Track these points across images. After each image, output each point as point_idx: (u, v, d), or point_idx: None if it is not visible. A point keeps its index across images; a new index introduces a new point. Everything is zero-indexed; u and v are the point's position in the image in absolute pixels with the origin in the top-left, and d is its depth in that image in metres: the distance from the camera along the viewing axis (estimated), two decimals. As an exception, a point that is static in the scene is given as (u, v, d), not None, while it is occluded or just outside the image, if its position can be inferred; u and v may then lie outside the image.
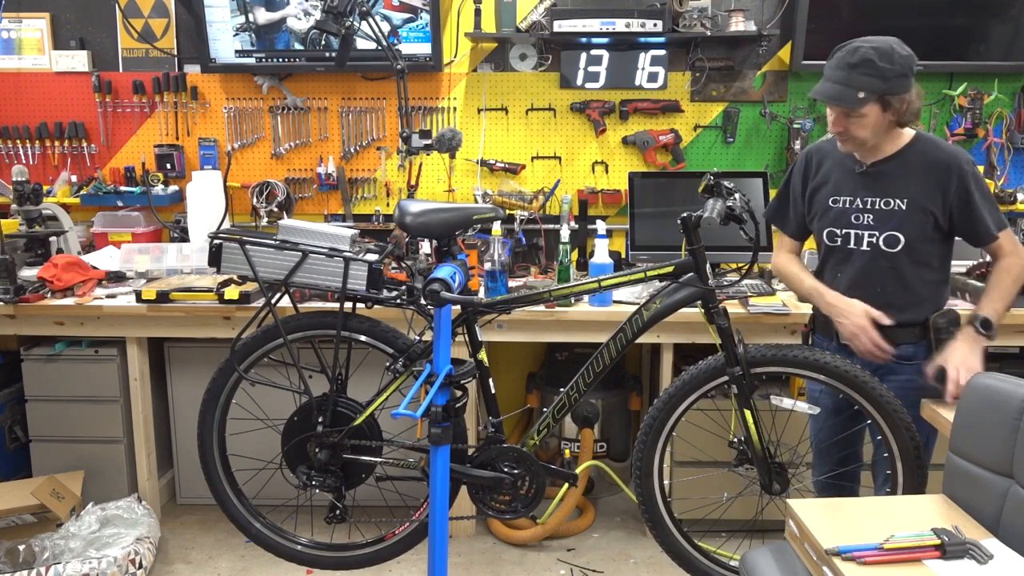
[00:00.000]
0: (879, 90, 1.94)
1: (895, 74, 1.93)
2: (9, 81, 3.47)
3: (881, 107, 1.97)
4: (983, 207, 2.02)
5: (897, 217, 2.05)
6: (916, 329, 2.09)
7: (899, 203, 2.05)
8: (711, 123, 3.39)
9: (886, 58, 1.92)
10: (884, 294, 2.08)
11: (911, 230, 2.05)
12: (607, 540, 2.98)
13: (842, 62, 1.96)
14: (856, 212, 2.11)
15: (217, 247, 2.15)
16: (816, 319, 2.29)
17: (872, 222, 2.08)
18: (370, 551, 2.41)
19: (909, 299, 2.08)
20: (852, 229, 2.11)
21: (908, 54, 1.96)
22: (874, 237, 2.08)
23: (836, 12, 3.17)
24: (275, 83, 3.41)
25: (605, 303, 2.79)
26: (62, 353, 2.94)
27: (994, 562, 1.48)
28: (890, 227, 2.06)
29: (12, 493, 2.71)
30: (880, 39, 1.97)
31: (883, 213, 2.07)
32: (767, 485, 2.18)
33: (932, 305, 2.10)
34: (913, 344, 2.10)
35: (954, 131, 3.31)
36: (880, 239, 2.07)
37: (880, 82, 1.93)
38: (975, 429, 1.70)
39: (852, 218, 2.11)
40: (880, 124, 2.00)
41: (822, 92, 2.00)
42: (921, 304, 2.09)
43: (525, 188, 3.41)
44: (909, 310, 2.08)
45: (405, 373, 2.20)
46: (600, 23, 3.08)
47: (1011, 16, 3.16)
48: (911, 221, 2.04)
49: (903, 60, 1.94)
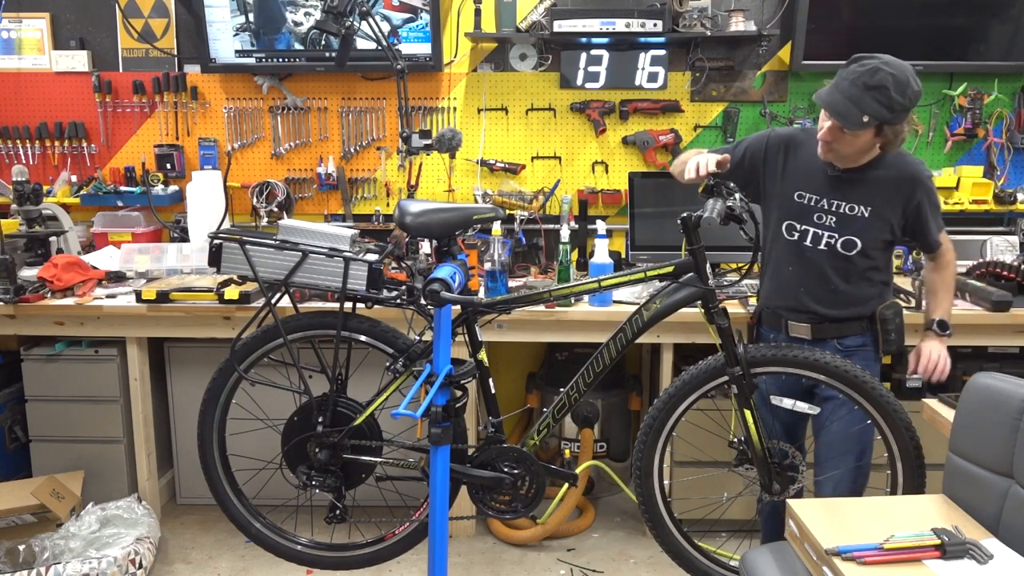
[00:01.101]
0: (883, 119, 1.95)
1: (901, 108, 1.95)
2: (9, 81, 3.47)
3: (875, 132, 2.01)
4: (932, 218, 2.15)
5: (859, 223, 2.12)
6: (863, 322, 2.20)
7: (863, 210, 2.12)
8: (711, 123, 3.39)
9: (900, 89, 1.92)
10: (836, 290, 2.16)
11: (868, 236, 2.13)
12: (607, 540, 2.98)
13: (859, 80, 1.94)
14: (820, 212, 2.16)
15: (217, 247, 2.15)
16: (763, 313, 2.35)
17: (834, 224, 2.15)
18: (370, 551, 2.41)
19: (859, 296, 2.17)
20: (812, 227, 2.17)
21: (919, 90, 1.98)
22: (833, 239, 2.15)
23: (836, 12, 3.17)
24: (275, 83, 3.41)
25: (605, 303, 2.79)
26: (62, 353, 2.94)
27: (994, 562, 1.48)
28: (850, 231, 2.13)
29: (12, 493, 2.71)
30: (899, 66, 1.95)
31: (846, 217, 2.13)
32: (767, 485, 2.18)
33: (877, 301, 2.19)
34: (860, 335, 2.21)
35: (954, 131, 3.31)
36: (838, 242, 2.14)
37: (887, 112, 1.94)
38: (975, 429, 1.70)
39: (815, 217, 2.17)
40: (868, 146, 2.06)
41: (830, 104, 1.98)
42: (868, 301, 2.18)
43: (525, 188, 3.41)
44: (858, 306, 2.18)
45: (405, 373, 2.20)
46: (600, 23, 3.08)
47: (1011, 16, 3.16)
48: (871, 228, 2.12)
49: (913, 96, 1.96)
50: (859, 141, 2.02)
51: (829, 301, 2.17)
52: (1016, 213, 3.31)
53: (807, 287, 2.19)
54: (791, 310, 2.24)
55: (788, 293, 2.23)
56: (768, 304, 2.32)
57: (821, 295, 2.18)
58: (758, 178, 2.28)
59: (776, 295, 2.28)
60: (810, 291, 2.19)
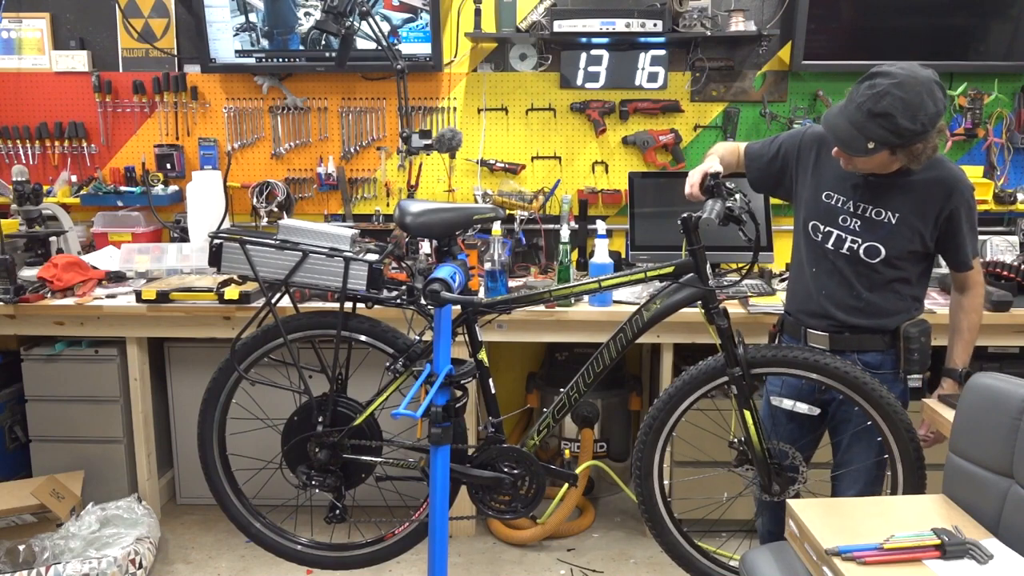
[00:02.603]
0: (891, 144, 1.86)
1: (911, 133, 1.83)
2: (9, 81, 3.47)
3: (890, 151, 1.89)
4: (967, 235, 2.03)
5: (884, 229, 2.03)
6: (886, 337, 2.09)
7: (890, 216, 2.02)
8: (711, 123, 3.39)
9: (910, 115, 1.81)
10: (859, 297, 2.07)
11: (894, 244, 2.03)
12: (607, 540, 2.98)
13: (864, 105, 1.83)
14: (845, 214, 2.08)
15: (217, 247, 2.15)
16: (784, 321, 2.28)
17: (858, 228, 2.06)
18: (370, 551, 2.41)
19: (883, 308, 2.07)
20: (836, 229, 2.09)
21: (937, 110, 1.84)
22: (856, 244, 2.06)
23: (836, 12, 3.17)
24: (275, 83, 3.41)
25: (605, 303, 2.79)
26: (62, 353, 2.94)
27: (994, 562, 1.48)
28: (874, 238, 2.04)
29: (12, 493, 2.71)
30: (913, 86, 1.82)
31: (872, 222, 2.05)
32: (767, 486, 2.18)
33: (904, 316, 2.09)
34: (881, 352, 2.11)
35: (954, 131, 3.31)
36: (861, 247, 2.05)
37: (894, 138, 1.84)
38: (975, 429, 1.70)
39: (840, 219, 2.09)
40: (887, 163, 1.95)
41: (832, 130, 1.91)
42: (893, 315, 2.08)
43: (525, 188, 3.41)
44: (880, 317, 2.08)
45: (405, 373, 2.20)
46: (600, 23, 3.08)
47: (1011, 16, 3.16)
48: (897, 236, 2.02)
49: (928, 119, 1.83)
50: (874, 161, 1.93)
51: (849, 308, 2.08)
52: (1016, 213, 3.31)
53: (828, 291, 2.10)
54: (811, 315, 2.15)
55: (808, 296, 2.15)
56: (790, 309, 2.24)
57: (841, 300, 2.08)
58: (791, 175, 2.21)
59: (796, 298, 2.21)
60: (830, 295, 2.10)
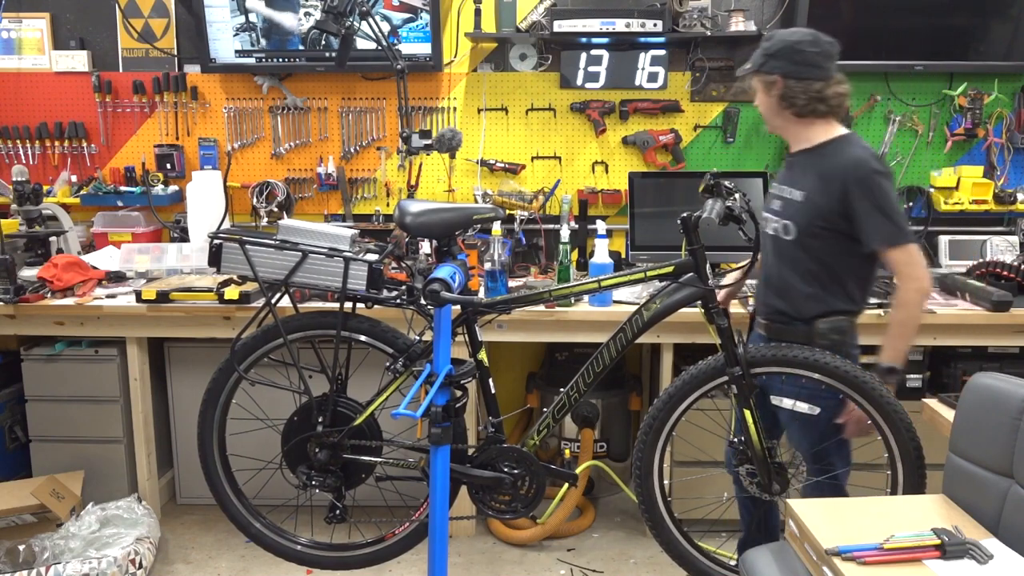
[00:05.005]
0: (755, 64, 2.07)
1: (766, 53, 2.05)
2: (9, 81, 3.47)
3: (764, 89, 2.09)
4: (868, 218, 1.97)
5: (793, 207, 2.10)
6: (802, 327, 2.09)
7: (800, 194, 2.08)
8: (711, 123, 3.39)
9: (776, 42, 2.04)
10: (781, 277, 2.12)
11: (800, 221, 2.07)
12: (607, 540, 2.98)
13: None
14: (773, 197, 2.19)
15: (217, 247, 2.15)
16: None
17: (779, 208, 2.14)
18: (370, 551, 2.41)
19: (796, 288, 2.09)
20: (768, 213, 2.19)
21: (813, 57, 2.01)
22: (777, 223, 2.13)
23: (836, 12, 3.17)
24: (275, 83, 3.41)
25: (605, 303, 2.79)
26: (62, 353, 2.94)
27: (994, 562, 1.48)
28: (786, 215, 2.11)
29: (12, 493, 2.71)
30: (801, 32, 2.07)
31: (787, 202, 2.12)
32: (766, 485, 2.18)
33: (821, 306, 2.07)
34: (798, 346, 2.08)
35: (954, 131, 3.31)
36: (780, 226, 2.12)
37: (759, 57, 2.07)
38: (975, 429, 1.70)
39: (772, 203, 2.19)
40: (766, 106, 2.12)
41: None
42: (806, 300, 2.08)
43: (525, 188, 3.41)
44: (793, 302, 2.10)
45: (405, 373, 2.20)
46: (600, 23, 3.08)
47: (1011, 16, 3.16)
48: (803, 212, 2.06)
49: (784, 46, 2.02)
50: (758, 99, 2.13)
51: (774, 290, 2.15)
52: (1016, 213, 3.31)
53: (765, 274, 2.20)
54: (759, 304, 2.25)
55: (759, 287, 2.26)
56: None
57: (771, 284, 2.17)
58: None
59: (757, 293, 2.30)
60: (766, 278, 2.19)
